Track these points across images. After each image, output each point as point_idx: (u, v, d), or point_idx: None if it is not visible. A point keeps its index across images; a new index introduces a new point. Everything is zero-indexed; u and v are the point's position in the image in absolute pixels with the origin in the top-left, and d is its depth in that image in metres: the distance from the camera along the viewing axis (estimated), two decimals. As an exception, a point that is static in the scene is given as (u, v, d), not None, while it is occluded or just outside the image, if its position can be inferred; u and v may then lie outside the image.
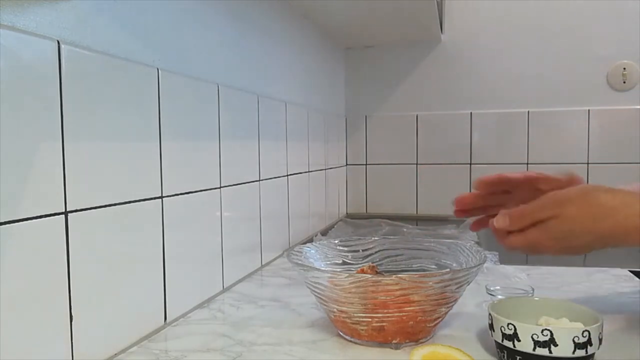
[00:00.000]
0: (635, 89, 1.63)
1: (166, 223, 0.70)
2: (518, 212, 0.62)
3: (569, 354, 0.52)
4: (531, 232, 0.61)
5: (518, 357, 0.54)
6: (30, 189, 0.48)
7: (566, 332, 0.52)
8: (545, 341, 0.52)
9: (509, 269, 0.97)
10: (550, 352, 0.52)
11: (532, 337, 0.52)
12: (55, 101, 0.51)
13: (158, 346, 0.63)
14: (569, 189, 0.62)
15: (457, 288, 0.61)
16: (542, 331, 0.52)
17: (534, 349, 0.52)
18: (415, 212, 1.80)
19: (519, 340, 0.53)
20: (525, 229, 0.61)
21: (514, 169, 1.71)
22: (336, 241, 0.79)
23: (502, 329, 0.55)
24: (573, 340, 0.51)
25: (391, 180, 1.82)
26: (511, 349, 0.54)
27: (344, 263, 0.78)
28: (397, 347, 0.61)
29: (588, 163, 1.66)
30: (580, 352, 0.52)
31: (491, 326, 0.57)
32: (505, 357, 0.55)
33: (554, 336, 0.52)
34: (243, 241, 0.96)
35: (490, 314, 0.57)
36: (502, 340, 0.55)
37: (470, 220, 0.73)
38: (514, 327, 0.54)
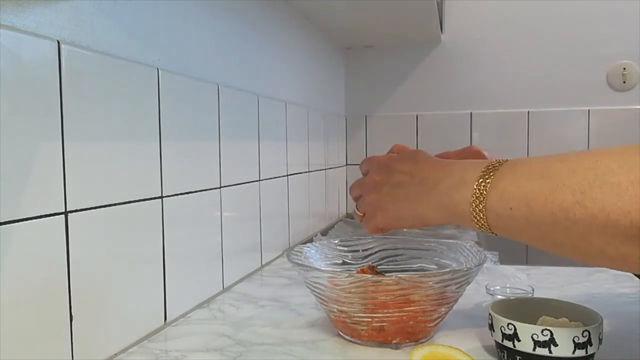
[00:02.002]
0: (635, 89, 1.63)
1: (166, 223, 0.70)
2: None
3: (569, 354, 0.52)
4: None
5: (518, 357, 0.54)
6: (30, 189, 0.48)
7: (566, 332, 0.52)
8: (545, 341, 0.52)
9: (509, 269, 0.98)
10: (550, 352, 0.52)
11: (532, 337, 0.52)
12: (55, 101, 0.51)
13: (158, 346, 0.64)
14: None
15: (457, 288, 0.61)
16: (542, 331, 0.52)
17: (534, 349, 0.52)
18: (415, 212, 1.80)
19: (519, 340, 0.53)
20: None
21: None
22: (336, 241, 0.79)
23: (502, 329, 0.55)
24: (573, 340, 0.51)
25: (391, 180, 1.82)
26: (511, 349, 0.54)
27: (344, 263, 0.78)
28: (397, 347, 0.61)
29: (588, 163, 1.66)
30: (580, 352, 0.52)
31: (491, 326, 0.57)
32: (505, 357, 0.55)
33: (554, 336, 0.52)
34: (243, 241, 0.96)
35: (490, 314, 0.57)
36: (502, 340, 0.55)
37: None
38: (514, 327, 0.54)
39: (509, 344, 0.54)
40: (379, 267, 0.75)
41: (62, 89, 0.52)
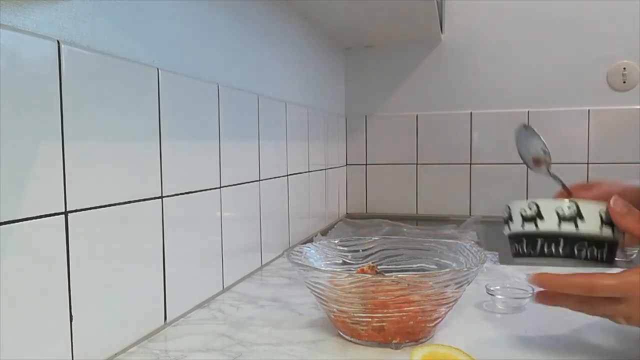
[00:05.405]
0: (635, 89, 1.63)
1: (166, 223, 0.70)
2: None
3: (597, 231, 0.50)
4: None
5: (540, 240, 0.52)
6: (30, 189, 0.48)
7: (592, 205, 0.50)
8: (571, 216, 0.50)
9: (509, 269, 0.97)
10: (577, 226, 0.50)
11: (556, 213, 0.50)
12: (55, 101, 0.51)
13: (158, 346, 0.64)
14: None
15: (457, 288, 0.61)
16: (568, 206, 0.50)
17: (559, 225, 0.50)
18: (415, 212, 1.80)
19: (542, 218, 0.51)
20: None
21: (514, 169, 1.71)
22: (336, 241, 0.79)
23: (523, 211, 0.52)
24: (600, 215, 0.50)
25: (391, 180, 1.82)
26: (532, 233, 0.52)
27: (344, 263, 0.78)
28: (397, 347, 0.61)
29: (588, 163, 1.66)
30: (607, 231, 0.51)
31: (508, 219, 0.55)
32: (524, 246, 0.53)
33: (580, 209, 0.50)
34: (243, 241, 0.96)
35: (507, 206, 0.55)
36: (523, 225, 0.52)
37: (470, 220, 0.72)
38: (537, 205, 0.51)
39: (530, 227, 0.52)
40: (379, 267, 0.75)
41: (62, 89, 0.52)
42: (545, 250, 0.53)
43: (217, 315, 0.75)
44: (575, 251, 0.51)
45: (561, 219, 0.50)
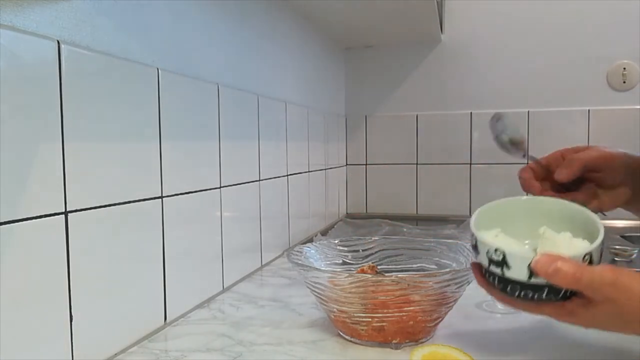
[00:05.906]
0: (635, 89, 1.63)
1: (166, 223, 0.70)
2: (574, 273, 0.45)
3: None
4: (578, 309, 0.48)
5: (515, 286, 0.48)
6: (30, 189, 0.48)
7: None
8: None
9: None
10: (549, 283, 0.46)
11: (527, 267, 0.46)
12: (55, 101, 0.51)
13: (158, 346, 0.64)
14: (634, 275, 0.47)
15: (457, 288, 0.61)
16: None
17: (529, 278, 0.46)
18: (415, 212, 1.80)
19: (509, 268, 0.47)
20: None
21: (513, 168, 1.71)
22: (336, 241, 0.79)
23: (489, 253, 0.48)
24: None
25: (391, 180, 1.82)
26: (501, 277, 0.48)
27: (344, 263, 0.78)
28: (397, 347, 0.61)
29: (588, 163, 1.66)
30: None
31: (475, 247, 0.51)
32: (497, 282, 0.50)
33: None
34: (243, 241, 0.96)
35: (474, 235, 0.51)
36: (490, 266, 0.49)
37: (470, 220, 0.71)
38: (504, 254, 0.47)
39: (496, 270, 0.48)
40: (379, 267, 0.75)
41: (62, 89, 0.52)
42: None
43: (217, 315, 0.75)
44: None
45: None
